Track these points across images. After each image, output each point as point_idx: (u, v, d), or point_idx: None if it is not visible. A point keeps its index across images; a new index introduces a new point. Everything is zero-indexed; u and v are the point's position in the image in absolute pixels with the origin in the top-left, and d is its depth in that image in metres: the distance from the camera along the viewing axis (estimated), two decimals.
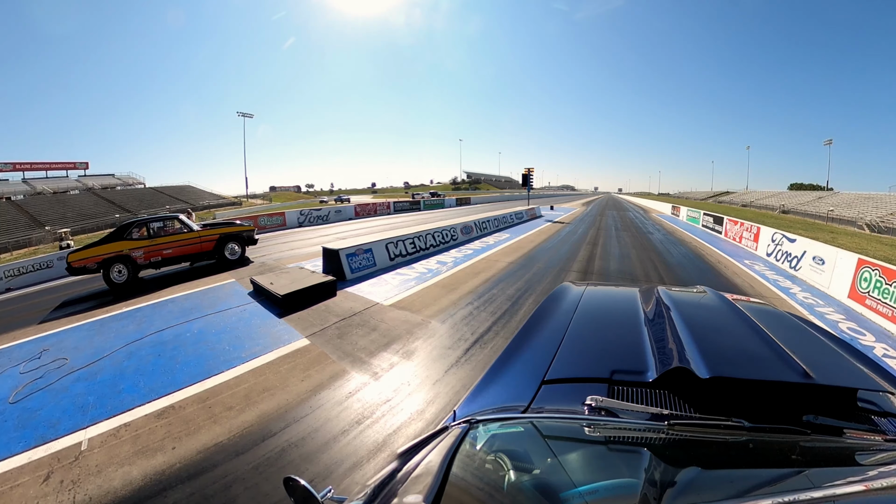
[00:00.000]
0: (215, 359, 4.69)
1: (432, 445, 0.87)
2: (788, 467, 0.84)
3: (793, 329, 1.48)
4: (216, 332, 5.58)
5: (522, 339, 1.52)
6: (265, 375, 4.23)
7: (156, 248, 9.72)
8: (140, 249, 9.54)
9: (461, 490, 0.74)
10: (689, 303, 1.67)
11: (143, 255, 9.57)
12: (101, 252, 9.23)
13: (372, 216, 27.89)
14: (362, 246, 8.92)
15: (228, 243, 10.58)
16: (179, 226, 10.15)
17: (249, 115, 55.66)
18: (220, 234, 10.46)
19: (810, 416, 0.95)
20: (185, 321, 6.18)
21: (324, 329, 5.48)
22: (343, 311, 6.19)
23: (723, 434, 0.89)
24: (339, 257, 8.26)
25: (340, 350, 4.77)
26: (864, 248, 14.16)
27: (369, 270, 8.81)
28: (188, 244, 10.08)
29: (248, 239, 11.02)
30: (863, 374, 1.13)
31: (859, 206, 35.52)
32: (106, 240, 9.45)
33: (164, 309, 7.03)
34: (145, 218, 10.10)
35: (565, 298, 1.89)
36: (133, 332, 5.88)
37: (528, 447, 0.94)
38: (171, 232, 10.00)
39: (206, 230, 10.45)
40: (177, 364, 4.63)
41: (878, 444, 0.90)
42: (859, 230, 27.55)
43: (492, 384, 1.26)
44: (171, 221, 10.16)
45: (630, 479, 0.80)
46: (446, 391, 3.78)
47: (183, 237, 10.03)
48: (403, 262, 9.76)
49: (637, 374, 1.17)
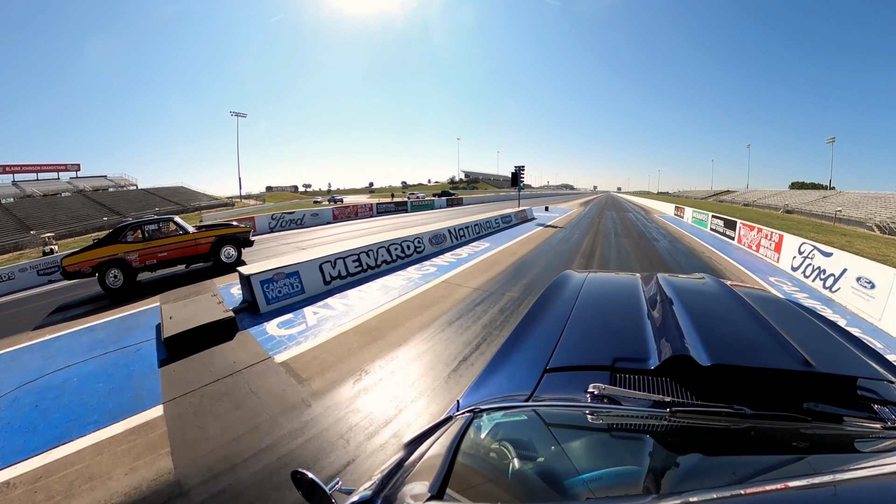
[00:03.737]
0: (78, 419, 3.81)
1: (437, 435, 0.89)
2: (789, 454, 0.86)
3: (793, 317, 1.49)
4: (98, 379, 4.58)
5: (525, 328, 1.52)
6: (101, 455, 3.27)
7: (151, 251, 9.69)
8: (135, 252, 9.52)
9: (466, 478, 0.75)
10: (689, 290, 1.67)
11: (137, 258, 9.55)
12: (96, 256, 9.20)
13: (352, 219, 25.81)
14: (284, 269, 7.02)
15: (224, 246, 10.57)
16: (175, 228, 10.13)
17: (243, 115, 55.21)
18: (215, 236, 10.45)
19: (811, 403, 0.96)
20: (84, 359, 5.22)
21: (185, 395, 4.08)
22: (223, 367, 4.64)
23: (724, 421, 0.90)
24: (252, 284, 6.54)
25: (182, 437, 3.41)
26: (885, 255, 12.91)
27: (293, 300, 6.97)
28: (183, 247, 10.05)
29: (244, 241, 11.02)
30: (863, 362, 1.14)
31: (866, 206, 34.45)
32: (100, 243, 9.41)
33: (83, 339, 6.12)
34: (140, 220, 10.05)
35: (567, 286, 1.87)
36: (35, 369, 5.01)
37: (532, 435, 0.96)
38: (166, 234, 9.99)
39: (202, 232, 10.42)
40: (43, 421, 3.80)
41: (877, 432, 0.90)
42: (869, 231, 26.59)
43: (495, 373, 1.27)
44: (167, 224, 10.14)
45: (633, 466, 0.81)
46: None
47: (178, 240, 10.00)
48: (342, 286, 7.86)
49: (639, 362, 1.18)
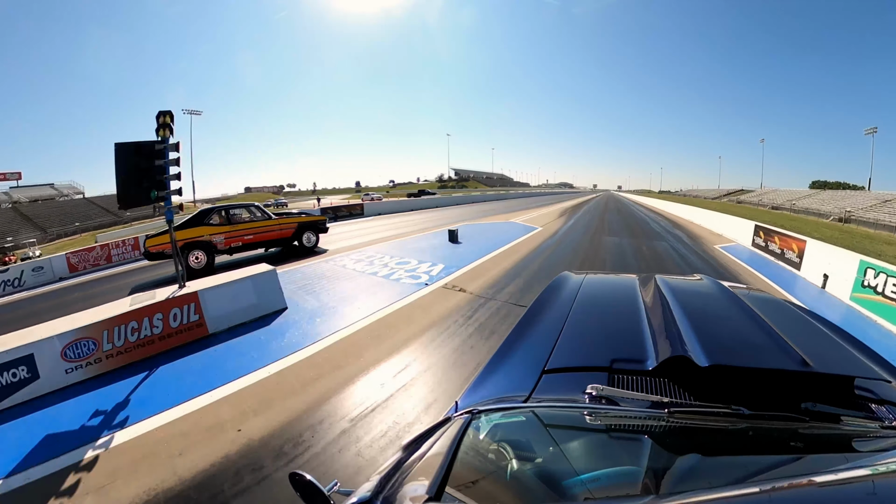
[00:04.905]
0: None
1: (436, 436, 0.88)
2: (787, 454, 0.87)
3: (791, 317, 1.50)
4: None
5: (523, 329, 1.51)
6: None
7: (237, 234, 9.72)
8: (221, 235, 9.47)
9: (465, 479, 0.74)
10: (687, 291, 1.67)
11: (223, 240, 9.52)
12: (180, 237, 9.01)
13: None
14: None
15: (305, 232, 10.84)
16: (259, 214, 10.24)
17: (197, 113, 51.46)
18: (298, 223, 10.71)
19: (808, 403, 0.95)
20: None
21: None
22: None
23: (722, 421, 0.90)
24: None
25: None
26: None
27: None
28: (268, 231, 10.21)
29: (322, 229, 11.39)
30: (860, 362, 1.14)
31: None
32: (185, 225, 9.25)
33: None
34: (223, 206, 10.13)
35: (565, 287, 1.85)
36: None
37: (531, 436, 0.96)
38: (250, 219, 10.04)
39: (285, 219, 10.69)
40: None
41: (875, 431, 0.91)
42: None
43: (493, 374, 1.26)
44: (251, 209, 10.21)
45: (631, 467, 0.82)
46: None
47: (264, 224, 10.15)
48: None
49: (637, 363, 1.17)
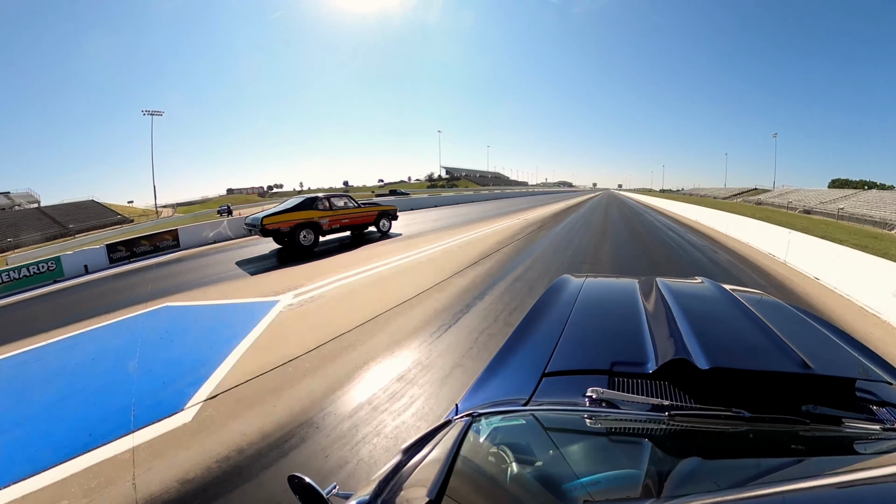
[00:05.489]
0: None
1: (436, 440, 0.88)
2: (788, 457, 0.87)
3: (791, 319, 1.51)
4: None
5: (523, 332, 1.51)
6: None
7: (338, 218, 12.01)
8: (326, 218, 11.67)
9: (465, 483, 0.75)
10: (688, 294, 1.67)
11: (328, 222, 11.70)
12: (294, 218, 11.06)
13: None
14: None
15: (382, 219, 13.35)
16: (352, 203, 12.66)
17: (159, 113, 48.17)
18: (378, 210, 13.21)
19: (809, 405, 0.95)
20: None
21: None
22: None
23: (723, 424, 0.90)
24: None
25: None
26: None
27: None
28: (359, 216, 12.62)
29: (394, 216, 13.95)
30: (861, 363, 1.14)
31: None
32: (297, 208, 11.30)
33: None
34: (327, 195, 12.27)
35: (565, 290, 1.87)
36: None
37: (531, 439, 0.96)
38: (345, 206, 12.39)
39: (369, 207, 13.14)
40: None
41: (876, 434, 0.90)
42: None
43: (493, 377, 1.27)
44: (347, 198, 12.60)
45: (632, 470, 0.83)
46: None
47: (356, 211, 12.56)
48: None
49: (637, 366, 1.18)
